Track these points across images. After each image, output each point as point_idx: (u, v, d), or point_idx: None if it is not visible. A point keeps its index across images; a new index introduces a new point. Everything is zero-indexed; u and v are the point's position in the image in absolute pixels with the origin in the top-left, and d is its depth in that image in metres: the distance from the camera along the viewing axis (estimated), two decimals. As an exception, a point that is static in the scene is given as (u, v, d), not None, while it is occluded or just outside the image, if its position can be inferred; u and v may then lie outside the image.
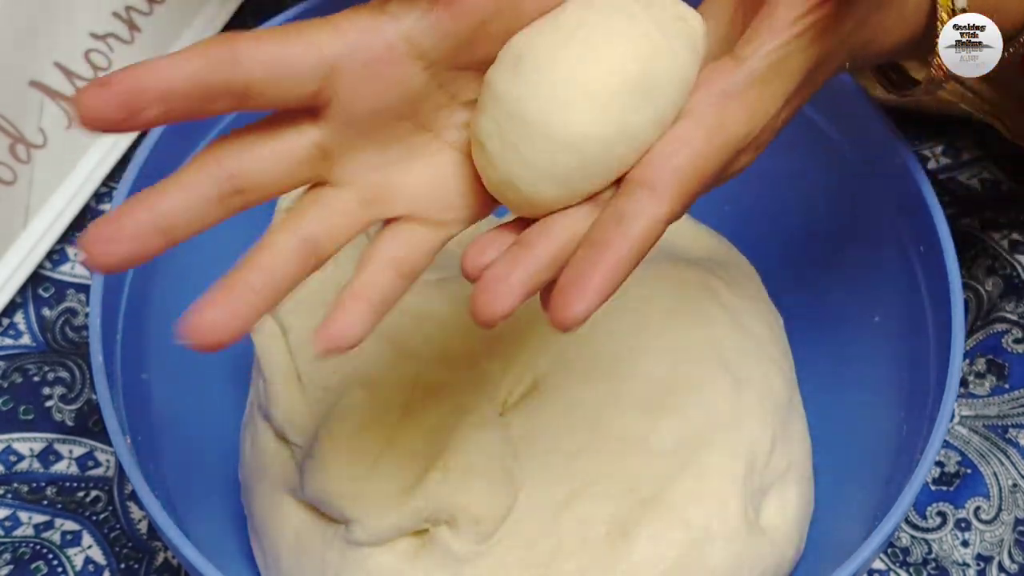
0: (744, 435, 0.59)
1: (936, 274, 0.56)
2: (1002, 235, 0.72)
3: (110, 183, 0.73)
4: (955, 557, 0.65)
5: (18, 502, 0.66)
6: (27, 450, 0.67)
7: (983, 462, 0.67)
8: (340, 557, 0.56)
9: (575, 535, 0.56)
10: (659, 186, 0.42)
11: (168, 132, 0.59)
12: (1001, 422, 0.68)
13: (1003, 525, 0.65)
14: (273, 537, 0.59)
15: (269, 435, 0.59)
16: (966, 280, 0.70)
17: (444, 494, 0.55)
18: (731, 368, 0.60)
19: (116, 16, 0.72)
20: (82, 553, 0.64)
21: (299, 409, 0.59)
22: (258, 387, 0.60)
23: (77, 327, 0.71)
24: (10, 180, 0.68)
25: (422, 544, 0.56)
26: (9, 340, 0.70)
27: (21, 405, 0.68)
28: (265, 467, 0.59)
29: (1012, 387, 0.68)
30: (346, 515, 0.56)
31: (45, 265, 0.72)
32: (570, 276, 0.41)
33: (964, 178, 0.74)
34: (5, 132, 0.68)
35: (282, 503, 0.58)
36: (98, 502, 0.66)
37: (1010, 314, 0.70)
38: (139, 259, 0.41)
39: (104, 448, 0.67)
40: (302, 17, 0.62)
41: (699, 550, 0.56)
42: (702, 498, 0.57)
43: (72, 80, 0.70)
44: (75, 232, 0.72)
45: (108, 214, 0.41)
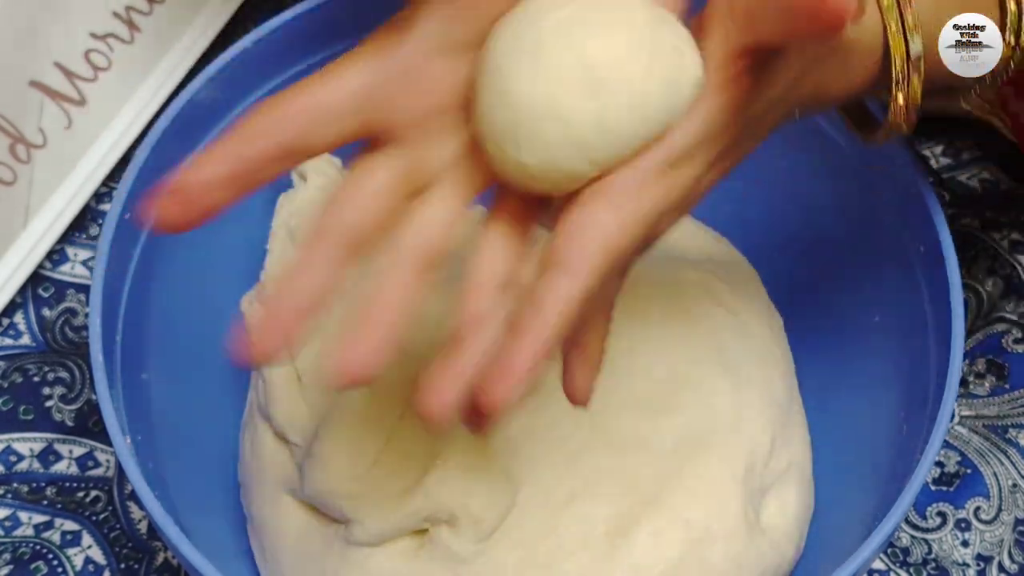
0: (744, 435, 0.59)
1: (936, 274, 0.56)
2: (1002, 235, 0.72)
3: (110, 183, 0.73)
4: (955, 557, 0.65)
5: (18, 502, 0.66)
6: (27, 450, 0.67)
7: (983, 462, 0.67)
8: (340, 557, 0.56)
9: (575, 535, 0.56)
10: (573, 266, 0.42)
11: (168, 132, 0.59)
12: (1001, 422, 0.68)
13: (1003, 525, 0.65)
14: (273, 537, 0.59)
15: (269, 435, 0.59)
16: (966, 280, 0.70)
17: (444, 493, 0.55)
18: (731, 368, 0.60)
19: (116, 16, 0.72)
20: (82, 553, 0.64)
21: (299, 409, 0.59)
22: (258, 387, 0.60)
23: (77, 327, 0.71)
24: (10, 180, 0.68)
25: (422, 544, 0.56)
26: (9, 340, 0.70)
27: (21, 405, 0.68)
28: (265, 467, 0.59)
29: (1012, 387, 0.68)
30: (346, 515, 0.56)
31: (45, 265, 0.72)
32: (497, 365, 0.42)
33: (964, 178, 0.74)
34: (5, 132, 0.68)
35: (282, 503, 0.58)
36: (98, 502, 0.66)
37: (1010, 314, 0.70)
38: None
39: (104, 448, 0.67)
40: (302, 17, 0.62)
41: (699, 550, 0.56)
42: (702, 498, 0.57)
43: (72, 80, 0.70)
44: (75, 232, 0.72)
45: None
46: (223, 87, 0.61)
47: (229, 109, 0.62)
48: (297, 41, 0.63)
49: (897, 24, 0.47)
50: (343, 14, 0.63)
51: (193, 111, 0.60)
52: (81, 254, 0.73)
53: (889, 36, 0.47)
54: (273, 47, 0.62)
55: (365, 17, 0.64)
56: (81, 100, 0.71)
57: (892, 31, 0.47)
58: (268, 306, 0.43)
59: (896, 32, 0.47)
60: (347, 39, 0.64)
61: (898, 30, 0.47)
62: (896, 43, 0.47)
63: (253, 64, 0.62)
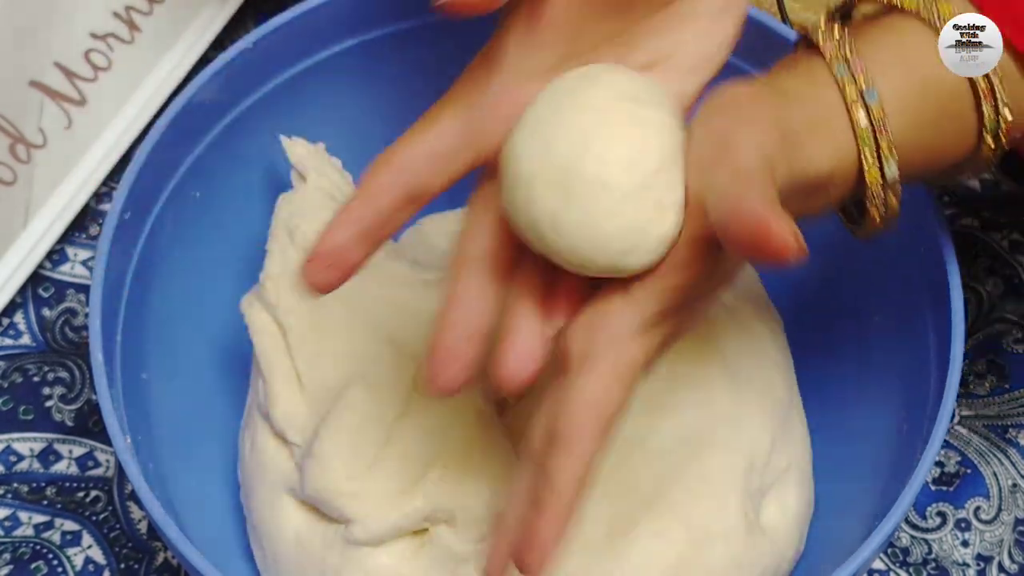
0: (744, 435, 0.59)
1: (936, 274, 0.56)
2: (1002, 235, 0.72)
3: (110, 183, 0.73)
4: (955, 557, 0.65)
5: (18, 502, 0.66)
6: (27, 450, 0.67)
7: (983, 462, 0.67)
8: (340, 557, 0.56)
9: (575, 535, 0.56)
10: (573, 445, 0.45)
11: (168, 132, 0.59)
12: (1001, 422, 0.68)
13: (1003, 525, 0.65)
14: (273, 537, 0.59)
15: (268, 435, 0.59)
16: (966, 280, 0.70)
17: (443, 493, 0.55)
18: (731, 368, 0.60)
19: (116, 16, 0.72)
20: (82, 553, 0.64)
21: (298, 409, 0.59)
22: (257, 387, 0.60)
23: (77, 327, 0.71)
24: (10, 180, 0.68)
25: (422, 543, 0.56)
26: (9, 340, 0.70)
27: (21, 405, 0.68)
28: (264, 467, 0.59)
29: (1012, 387, 0.68)
30: (346, 514, 0.56)
31: (45, 265, 0.72)
32: (529, 543, 0.45)
33: (964, 178, 0.74)
34: (5, 132, 0.68)
35: (282, 503, 0.58)
36: (98, 502, 0.66)
37: (1010, 314, 0.70)
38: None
39: (104, 448, 0.67)
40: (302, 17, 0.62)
41: (699, 550, 0.56)
42: (702, 498, 0.57)
43: (72, 80, 0.70)
44: (75, 232, 0.72)
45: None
46: (223, 87, 0.61)
47: (229, 109, 0.62)
48: (297, 41, 0.63)
49: (872, 152, 0.47)
50: (343, 14, 0.63)
51: (193, 111, 0.60)
52: (81, 254, 0.73)
53: (864, 165, 0.48)
54: (273, 47, 0.62)
55: (365, 17, 0.64)
56: (81, 100, 0.71)
57: (868, 162, 0.47)
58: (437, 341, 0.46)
59: (872, 162, 0.47)
60: (347, 39, 0.64)
61: (873, 160, 0.47)
62: (871, 173, 0.48)
63: (253, 64, 0.62)
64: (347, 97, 0.66)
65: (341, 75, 0.65)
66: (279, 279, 0.60)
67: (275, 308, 0.60)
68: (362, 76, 0.65)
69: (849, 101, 0.47)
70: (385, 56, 0.65)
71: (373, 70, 0.65)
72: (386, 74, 0.66)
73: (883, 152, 0.47)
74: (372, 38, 0.64)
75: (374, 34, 0.64)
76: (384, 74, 0.66)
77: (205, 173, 0.62)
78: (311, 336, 0.59)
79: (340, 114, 0.66)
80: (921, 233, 0.57)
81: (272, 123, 0.63)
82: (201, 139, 0.61)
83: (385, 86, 0.66)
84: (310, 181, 0.63)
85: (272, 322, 0.60)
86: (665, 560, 0.56)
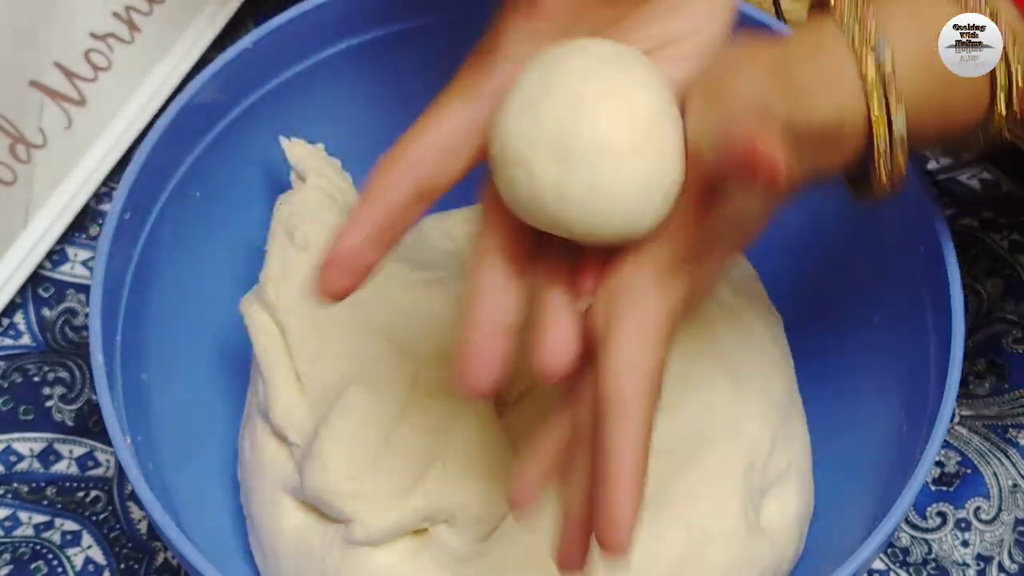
0: (744, 435, 0.59)
1: (936, 274, 0.56)
2: (1002, 235, 0.72)
3: (110, 183, 0.73)
4: (955, 557, 0.65)
5: (18, 502, 0.66)
6: (27, 450, 0.67)
7: (983, 462, 0.67)
8: (340, 557, 0.56)
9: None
10: (624, 407, 0.44)
11: (168, 132, 0.59)
12: (1001, 422, 0.68)
13: (1003, 525, 0.65)
14: (273, 537, 0.59)
15: (268, 435, 0.59)
16: (966, 280, 0.70)
17: (443, 493, 0.55)
18: (731, 368, 0.60)
19: (116, 16, 0.72)
20: (82, 553, 0.64)
21: (298, 409, 0.59)
22: (257, 387, 0.60)
23: (77, 327, 0.71)
24: (10, 180, 0.68)
25: (422, 543, 0.56)
26: (9, 340, 0.70)
27: (21, 405, 0.68)
28: (264, 467, 0.59)
29: (1012, 387, 0.68)
30: (345, 514, 0.56)
31: (45, 265, 0.72)
32: (603, 516, 0.44)
33: (964, 178, 0.74)
34: (5, 132, 0.68)
35: (281, 503, 0.58)
36: (98, 502, 0.66)
37: (1010, 314, 0.70)
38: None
39: (104, 448, 0.67)
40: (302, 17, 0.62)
41: (699, 550, 0.56)
42: (702, 498, 0.57)
43: (72, 80, 0.70)
44: (75, 232, 0.72)
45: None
46: (223, 87, 0.61)
47: (229, 109, 0.62)
48: (297, 41, 0.63)
49: (880, 104, 0.47)
50: (343, 14, 0.63)
51: (193, 111, 0.60)
52: (81, 254, 0.73)
53: (872, 117, 0.47)
54: (273, 47, 0.62)
55: (365, 17, 0.64)
56: (81, 100, 0.71)
57: (875, 115, 0.47)
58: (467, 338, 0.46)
59: (880, 115, 0.47)
60: (347, 39, 0.64)
61: (881, 112, 0.47)
62: (879, 126, 0.47)
63: (253, 64, 0.62)
64: (347, 97, 0.66)
65: (341, 75, 0.65)
66: (279, 279, 0.60)
67: (275, 308, 0.60)
68: (362, 76, 0.65)
69: (858, 51, 0.47)
70: (385, 56, 0.65)
71: (373, 70, 0.65)
72: (386, 74, 0.66)
73: (891, 103, 0.47)
74: (372, 38, 0.64)
75: (374, 34, 0.64)
76: (384, 74, 0.66)
77: (205, 173, 0.62)
78: (311, 336, 0.59)
79: (340, 114, 0.66)
80: (921, 233, 0.57)
81: (272, 123, 0.63)
82: (201, 139, 0.61)
83: (385, 86, 0.66)
84: (310, 181, 0.63)
85: (272, 322, 0.60)
86: (665, 560, 0.56)
